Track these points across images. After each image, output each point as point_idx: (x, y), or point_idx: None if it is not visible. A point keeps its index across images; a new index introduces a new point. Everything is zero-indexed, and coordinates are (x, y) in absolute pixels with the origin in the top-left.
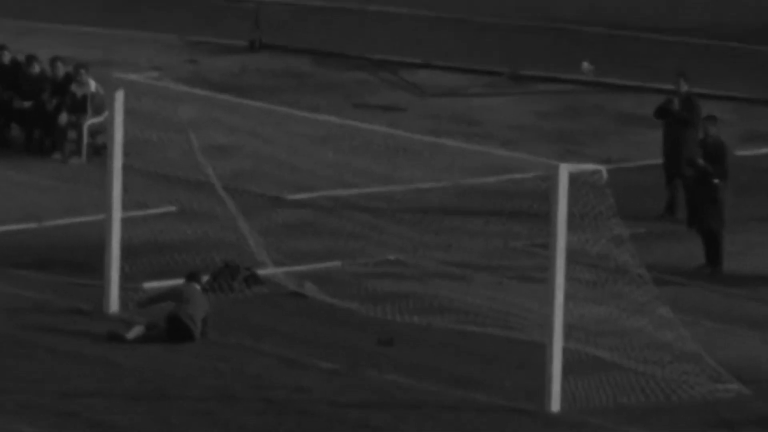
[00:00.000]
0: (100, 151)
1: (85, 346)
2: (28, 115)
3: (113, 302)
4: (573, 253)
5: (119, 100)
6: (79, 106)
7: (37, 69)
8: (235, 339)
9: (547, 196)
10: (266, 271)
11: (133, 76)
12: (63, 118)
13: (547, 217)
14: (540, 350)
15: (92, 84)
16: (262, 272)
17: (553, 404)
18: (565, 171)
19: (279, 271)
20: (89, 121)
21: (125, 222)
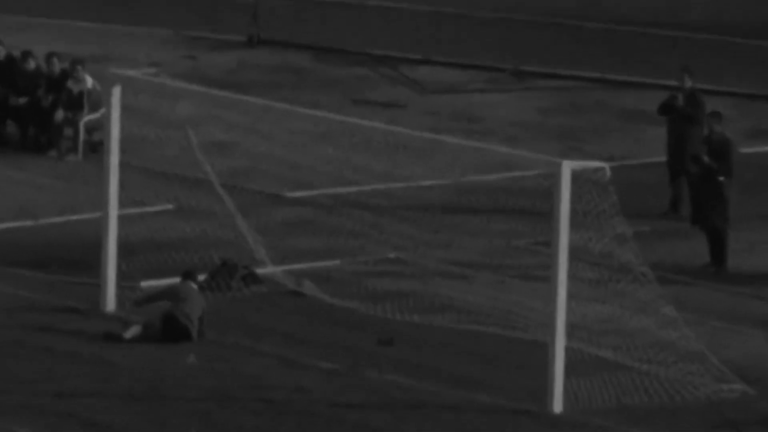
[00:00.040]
0: (96, 149)
1: (81, 346)
2: (23, 111)
3: (110, 301)
4: (576, 251)
5: (116, 96)
6: (76, 103)
7: (32, 65)
8: (233, 338)
9: (550, 194)
10: (265, 269)
11: (130, 72)
12: (59, 114)
13: (549, 215)
14: (542, 350)
15: (89, 80)
16: (260, 271)
17: (556, 405)
18: (567, 168)
19: (278, 269)
20: (86, 118)
21: (122, 220)
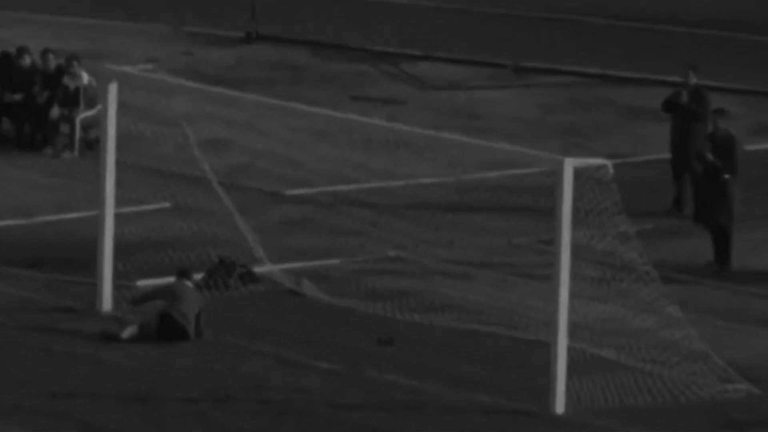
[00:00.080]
0: (92, 146)
1: (77, 346)
2: (18, 108)
3: (106, 300)
4: (578, 250)
5: (112, 92)
6: (71, 100)
7: (27, 61)
8: (231, 338)
9: (552, 192)
10: (263, 268)
11: (127, 68)
12: (54, 111)
13: (551, 213)
14: (544, 350)
15: (85, 76)
16: (258, 269)
17: (558, 405)
18: (569, 166)
19: (276, 268)
20: (82, 115)
21: (118, 218)
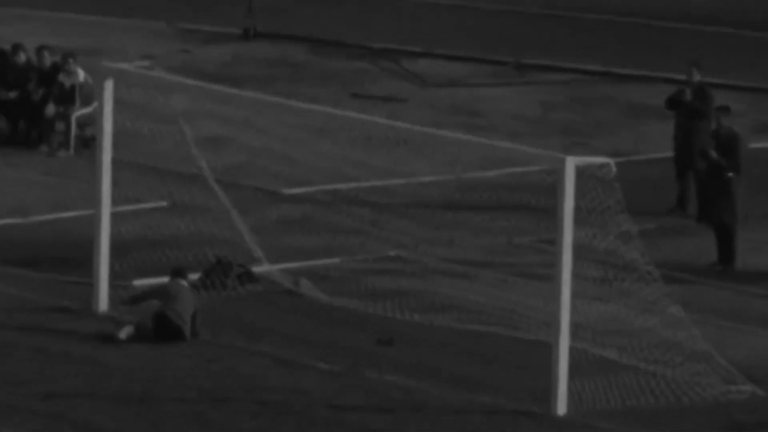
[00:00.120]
0: (88, 144)
1: (73, 346)
2: (13, 106)
3: (102, 300)
4: (580, 249)
5: (109, 90)
6: (67, 97)
7: (23, 58)
8: (228, 339)
9: (553, 191)
10: (261, 268)
11: (123, 65)
12: (50, 109)
13: (553, 212)
14: (545, 350)
15: (80, 74)
16: (256, 269)
17: (559, 406)
18: (571, 164)
19: (274, 268)
20: (77, 113)
21: (115, 217)
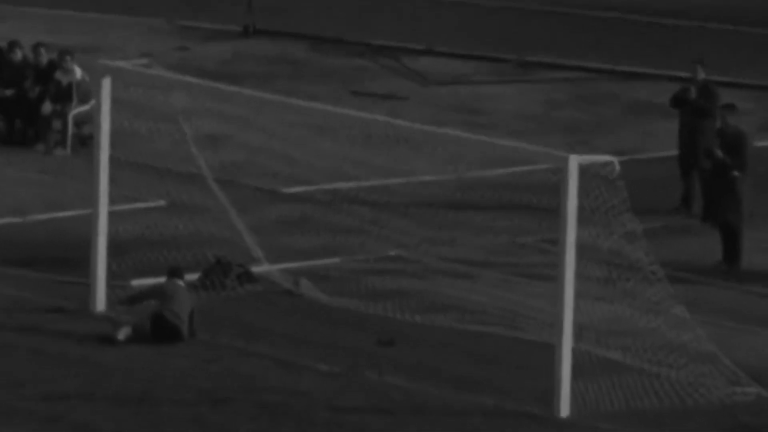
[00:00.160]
0: (86, 142)
1: (70, 347)
2: (9, 104)
3: (100, 301)
4: (583, 249)
5: (106, 88)
6: (64, 95)
7: (19, 55)
8: (227, 339)
9: (556, 190)
10: (260, 268)
11: (121, 63)
12: (47, 107)
13: (556, 212)
14: (548, 351)
15: (77, 71)
16: (256, 269)
17: (563, 408)
18: (575, 163)
19: (274, 268)
20: (74, 111)
21: (112, 216)
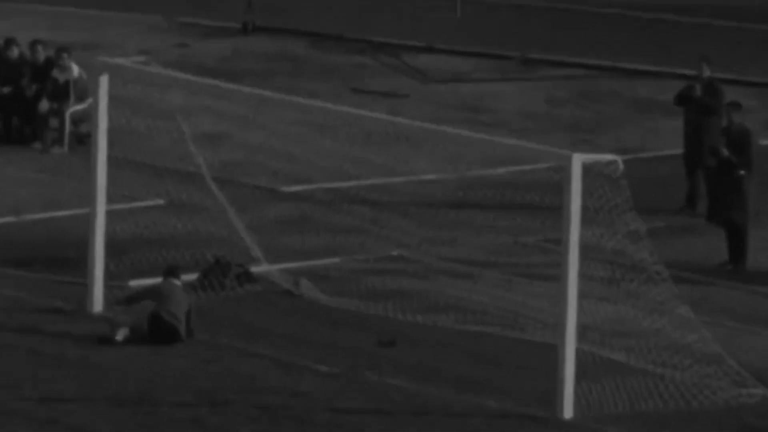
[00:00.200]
0: (83, 141)
1: (67, 348)
2: (6, 102)
3: (97, 301)
4: (587, 249)
5: (104, 85)
6: (61, 93)
7: (15, 53)
8: (227, 340)
9: (559, 189)
10: (260, 268)
11: (119, 60)
12: (44, 105)
13: (559, 211)
14: (551, 352)
15: (75, 69)
16: (255, 269)
17: (566, 410)
18: (578, 161)
19: (273, 268)
20: (72, 109)
21: (110, 216)
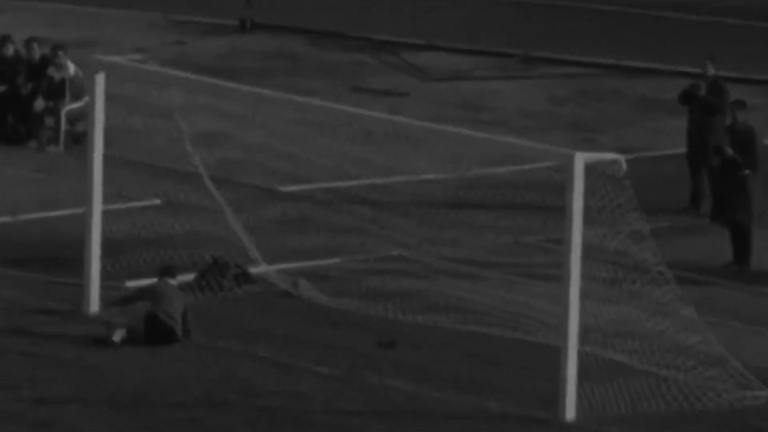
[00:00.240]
0: (79, 140)
1: (63, 349)
2: (1, 100)
3: (93, 302)
4: (589, 249)
5: (100, 84)
6: (57, 91)
7: (11, 51)
8: (224, 341)
9: (562, 188)
10: (258, 268)
11: (116, 58)
12: (39, 103)
13: (561, 211)
14: (553, 353)
15: (71, 67)
16: (253, 270)
17: (568, 412)
18: (580, 160)
19: (272, 268)
20: (67, 107)
21: (106, 216)
